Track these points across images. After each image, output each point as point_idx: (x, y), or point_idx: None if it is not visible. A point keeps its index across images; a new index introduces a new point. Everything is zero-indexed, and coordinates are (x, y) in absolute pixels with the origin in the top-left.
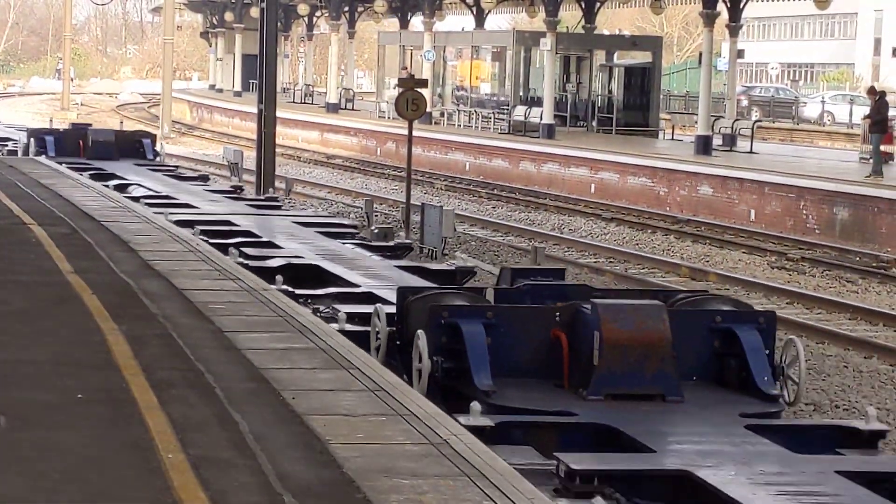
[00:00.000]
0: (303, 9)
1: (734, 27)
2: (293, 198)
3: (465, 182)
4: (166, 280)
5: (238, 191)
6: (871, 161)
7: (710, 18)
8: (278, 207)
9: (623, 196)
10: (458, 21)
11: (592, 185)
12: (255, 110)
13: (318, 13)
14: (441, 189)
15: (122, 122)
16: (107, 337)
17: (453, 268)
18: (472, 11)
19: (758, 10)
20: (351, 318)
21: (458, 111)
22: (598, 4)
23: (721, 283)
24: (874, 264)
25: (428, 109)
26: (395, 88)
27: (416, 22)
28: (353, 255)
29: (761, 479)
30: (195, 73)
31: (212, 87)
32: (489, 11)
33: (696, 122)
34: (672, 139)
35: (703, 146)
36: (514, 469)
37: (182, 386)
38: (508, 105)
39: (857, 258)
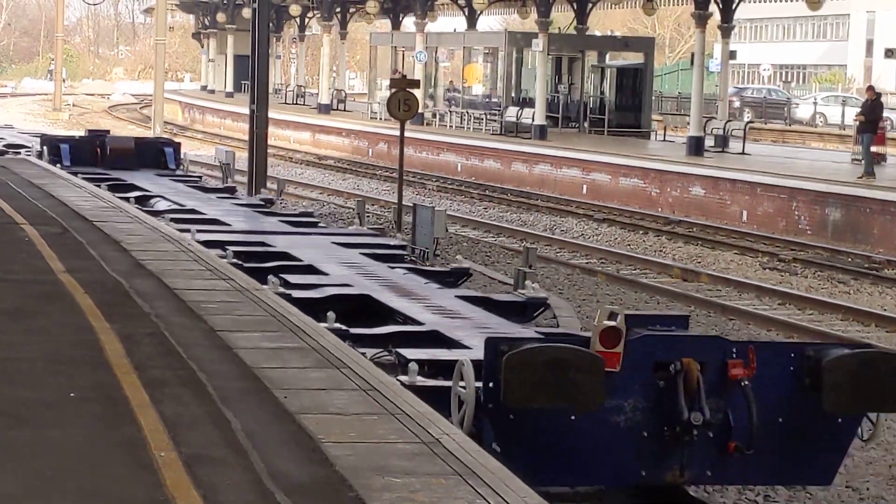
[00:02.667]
0: (294, 10)
1: (726, 28)
2: (284, 199)
3: (457, 183)
4: (158, 279)
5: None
6: (862, 162)
7: (702, 19)
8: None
9: (615, 197)
10: (449, 22)
11: (584, 186)
12: (246, 111)
13: (309, 14)
14: (433, 190)
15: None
16: (99, 336)
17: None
18: (463, 12)
19: (750, 11)
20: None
21: (450, 112)
22: (589, 5)
23: (713, 284)
24: (866, 265)
25: (420, 110)
26: (387, 89)
27: (408, 23)
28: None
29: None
30: (187, 73)
31: (204, 87)
32: (481, 12)
33: (688, 123)
34: (664, 140)
35: (695, 147)
36: (505, 468)
37: (174, 384)
38: (500, 106)
39: (849, 259)
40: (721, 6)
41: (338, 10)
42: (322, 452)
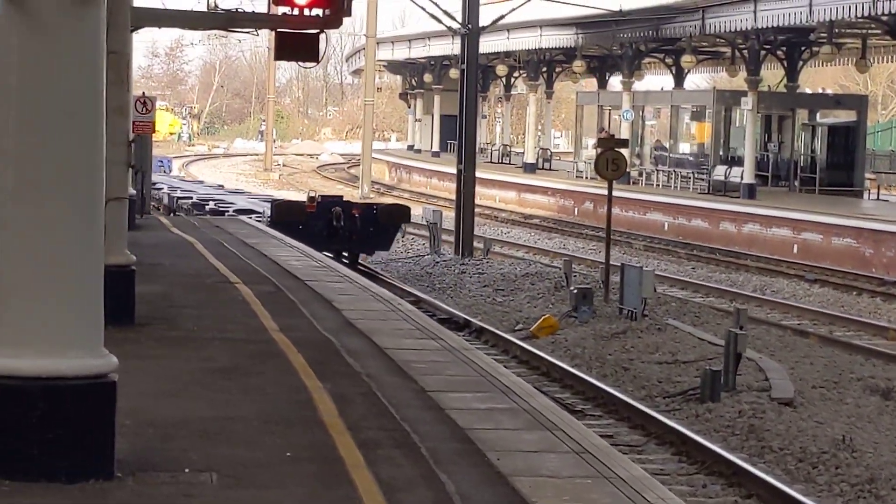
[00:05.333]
0: (501, 70)
1: None
2: (491, 258)
3: (664, 242)
4: (368, 338)
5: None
6: None
7: None
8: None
9: (827, 257)
10: (656, 80)
11: (795, 246)
12: (453, 170)
13: (516, 74)
14: (639, 249)
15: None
16: (312, 395)
17: None
18: (670, 71)
19: None
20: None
21: (657, 171)
22: (800, 63)
23: None
24: None
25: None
26: (592, 148)
27: (614, 82)
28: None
29: None
30: (394, 133)
31: (410, 147)
32: (688, 71)
33: None
34: (877, 199)
35: None
36: None
37: (388, 445)
38: (708, 164)
39: None
40: None
41: (544, 69)
42: None
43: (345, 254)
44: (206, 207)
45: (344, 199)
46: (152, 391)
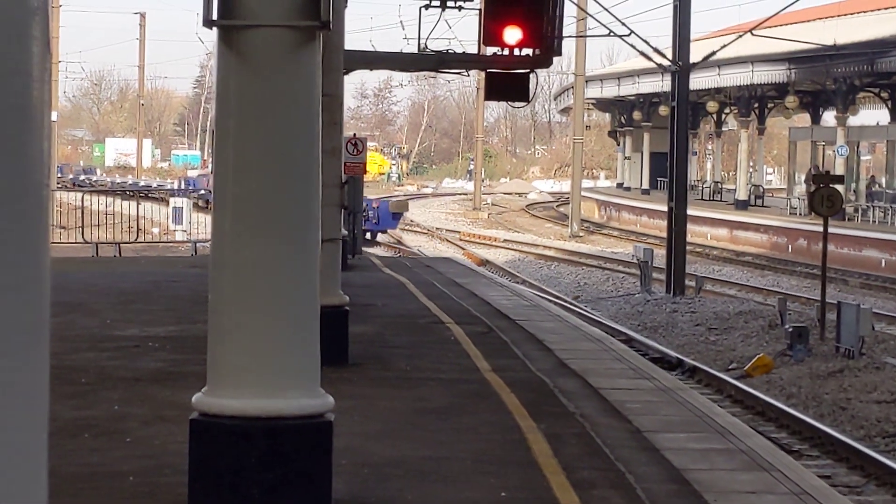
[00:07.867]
0: (712, 106)
1: None
2: (703, 296)
3: (881, 279)
4: (582, 378)
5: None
6: None
7: None
8: None
9: None
10: (871, 115)
11: None
12: (663, 208)
13: (726, 110)
14: (855, 286)
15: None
16: (526, 435)
17: None
18: (886, 105)
19: None
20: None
21: (873, 207)
22: None
23: None
24: None
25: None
26: (805, 184)
27: (828, 117)
28: None
29: None
30: (602, 171)
31: (619, 185)
32: None
33: None
34: None
35: None
36: None
37: (603, 486)
38: None
39: None
40: None
41: (755, 105)
42: None
43: (367, 235)
44: None
45: (368, 196)
46: (367, 431)
